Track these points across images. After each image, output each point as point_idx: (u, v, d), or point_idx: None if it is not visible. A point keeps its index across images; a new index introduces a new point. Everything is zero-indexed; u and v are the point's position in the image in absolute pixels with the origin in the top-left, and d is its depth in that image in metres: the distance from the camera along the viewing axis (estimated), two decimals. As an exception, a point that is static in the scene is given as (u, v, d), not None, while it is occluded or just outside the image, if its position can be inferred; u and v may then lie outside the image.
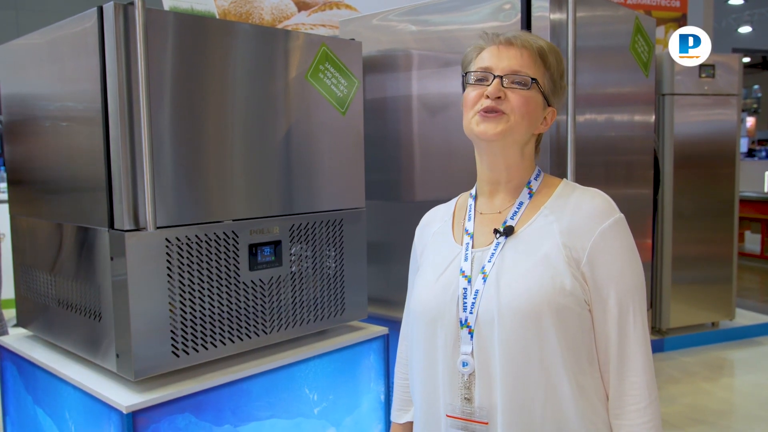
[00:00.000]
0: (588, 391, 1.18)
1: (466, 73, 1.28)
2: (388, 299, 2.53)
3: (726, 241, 5.17)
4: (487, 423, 1.19)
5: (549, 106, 1.27)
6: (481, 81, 1.23)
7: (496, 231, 1.25)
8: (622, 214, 1.23)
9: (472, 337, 1.20)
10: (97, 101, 1.65)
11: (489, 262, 1.22)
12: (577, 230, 1.20)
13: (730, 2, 12.83)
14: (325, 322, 2.11)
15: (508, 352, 1.16)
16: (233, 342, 1.85)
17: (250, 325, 1.88)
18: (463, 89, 1.28)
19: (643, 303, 1.21)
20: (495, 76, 1.21)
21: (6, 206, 2.21)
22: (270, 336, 1.94)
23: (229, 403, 1.79)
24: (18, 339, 2.13)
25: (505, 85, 1.21)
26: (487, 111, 1.21)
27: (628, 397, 1.19)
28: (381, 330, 2.24)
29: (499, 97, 1.20)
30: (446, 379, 1.23)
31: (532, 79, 1.21)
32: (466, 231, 1.30)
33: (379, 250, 2.52)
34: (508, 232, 1.24)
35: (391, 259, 2.54)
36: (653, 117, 2.73)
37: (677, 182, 4.93)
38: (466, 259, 1.25)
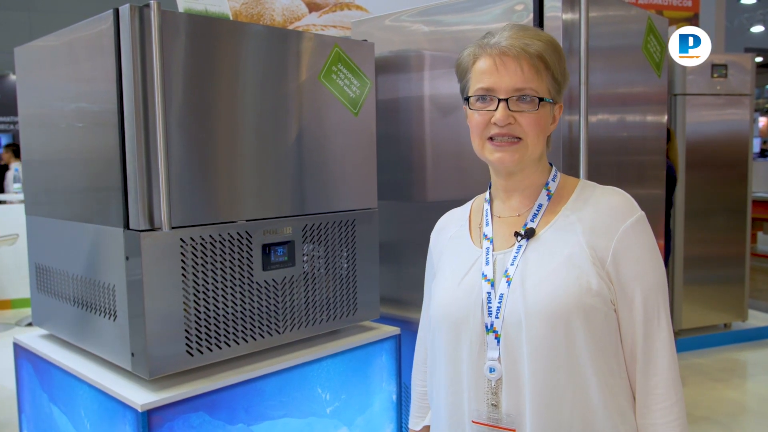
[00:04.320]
0: (616, 392, 1.17)
1: (467, 98, 1.22)
2: (400, 299, 2.54)
3: (738, 242, 5.14)
4: (514, 430, 1.17)
5: (555, 104, 1.24)
6: (485, 102, 1.19)
7: (517, 234, 1.23)
8: (642, 212, 1.22)
9: (498, 342, 1.18)
10: (112, 102, 1.66)
11: (512, 265, 1.20)
12: (600, 229, 1.18)
13: (742, 1, 12.74)
14: (337, 322, 2.12)
15: (536, 355, 1.14)
16: (246, 341, 1.86)
17: (263, 325, 1.89)
18: (464, 101, 1.25)
19: (666, 300, 1.20)
20: (500, 100, 1.16)
21: (22, 206, 2.23)
22: (283, 336, 1.95)
23: (243, 402, 1.80)
24: (33, 338, 2.16)
25: (512, 108, 1.17)
26: (501, 137, 1.18)
27: (654, 395, 1.18)
28: (393, 330, 2.24)
29: (509, 123, 1.17)
30: (472, 384, 1.21)
31: (540, 98, 1.17)
32: (485, 236, 1.28)
33: (391, 250, 2.53)
34: (530, 234, 1.22)
35: (403, 259, 2.54)
36: (665, 117, 2.72)
37: (689, 182, 4.91)
38: (487, 263, 1.23)
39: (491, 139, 1.20)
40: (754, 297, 5.96)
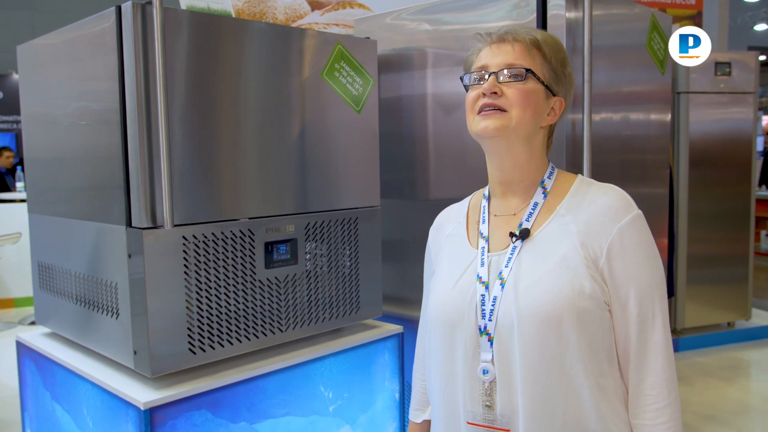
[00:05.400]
0: (609, 393, 1.17)
1: (463, 76, 1.27)
2: (402, 297, 2.53)
3: (742, 241, 5.13)
4: (508, 430, 1.18)
5: (554, 95, 1.25)
6: (478, 81, 1.23)
7: (512, 234, 1.23)
8: (639, 211, 1.21)
9: (492, 344, 1.18)
10: (115, 100, 1.66)
11: (506, 267, 1.20)
12: (594, 229, 1.18)
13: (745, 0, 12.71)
14: (340, 320, 2.11)
15: (528, 358, 1.15)
16: (249, 340, 1.85)
17: (266, 323, 1.89)
18: (465, 89, 1.28)
19: (663, 300, 1.19)
20: (490, 74, 1.21)
21: (24, 205, 2.23)
22: (285, 334, 1.95)
23: (245, 400, 1.80)
24: (36, 336, 2.16)
25: (500, 80, 1.20)
26: (486, 107, 1.20)
27: (647, 396, 1.17)
28: (396, 328, 2.24)
29: (495, 93, 1.19)
30: (466, 386, 1.21)
31: (527, 69, 1.20)
32: (481, 234, 1.28)
33: (393, 248, 2.52)
34: (524, 235, 1.21)
35: (405, 258, 2.54)
36: (669, 115, 2.71)
37: (692, 181, 4.90)
38: (482, 264, 1.23)
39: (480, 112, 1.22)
40: (757, 296, 5.95)
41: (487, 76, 1.21)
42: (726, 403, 3.91)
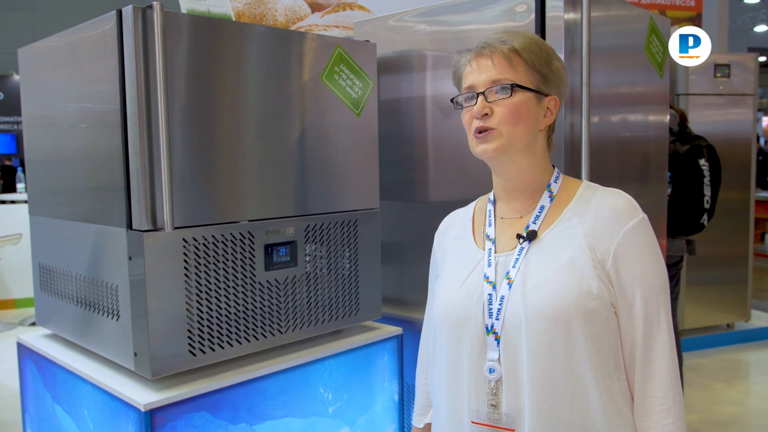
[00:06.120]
0: (614, 394, 1.18)
1: (454, 98, 1.29)
2: (402, 299, 2.54)
3: (742, 242, 5.14)
4: (513, 430, 1.18)
5: (547, 96, 1.25)
6: (469, 101, 1.25)
7: (519, 236, 1.24)
8: (645, 215, 1.23)
9: (498, 343, 1.19)
10: (115, 103, 1.67)
11: (513, 267, 1.21)
12: (601, 232, 1.19)
13: (745, 1, 12.72)
14: (339, 322, 2.12)
15: (535, 357, 1.15)
16: (249, 341, 1.86)
17: (265, 325, 1.90)
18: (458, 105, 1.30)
19: (667, 303, 1.21)
20: (478, 94, 1.22)
21: (25, 206, 2.23)
22: (285, 336, 1.96)
23: (245, 401, 1.80)
24: (37, 337, 2.16)
25: (489, 100, 1.21)
26: (480, 131, 1.22)
27: (652, 398, 1.18)
28: (395, 330, 2.25)
29: (486, 114, 1.21)
30: (472, 385, 1.22)
31: (512, 85, 1.20)
32: (488, 236, 1.29)
33: (393, 250, 2.53)
34: (532, 236, 1.23)
35: (405, 260, 2.54)
36: (667, 117, 2.72)
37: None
38: (489, 265, 1.25)
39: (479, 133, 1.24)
40: (757, 297, 5.95)
41: (475, 97, 1.23)
42: (725, 405, 3.92)
